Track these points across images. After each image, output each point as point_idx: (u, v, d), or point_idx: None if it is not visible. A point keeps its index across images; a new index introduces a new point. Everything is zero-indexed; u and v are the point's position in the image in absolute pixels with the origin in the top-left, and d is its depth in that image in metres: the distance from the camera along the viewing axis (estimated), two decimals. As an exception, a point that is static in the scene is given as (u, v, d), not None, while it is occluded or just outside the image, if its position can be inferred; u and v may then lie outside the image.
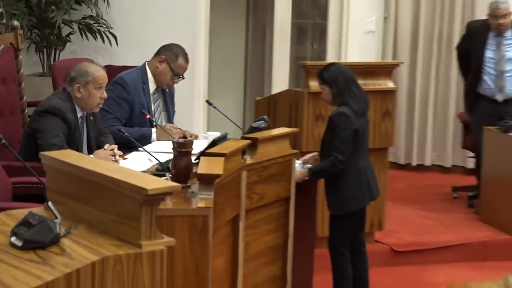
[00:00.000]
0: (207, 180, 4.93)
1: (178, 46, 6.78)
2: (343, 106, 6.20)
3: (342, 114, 6.08)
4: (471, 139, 9.26)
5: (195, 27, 9.55)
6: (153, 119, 6.60)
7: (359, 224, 6.57)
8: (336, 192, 6.36)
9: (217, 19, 10.21)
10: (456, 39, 9.94)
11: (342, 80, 6.26)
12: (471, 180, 9.59)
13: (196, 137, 6.09)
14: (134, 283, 3.45)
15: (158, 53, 6.78)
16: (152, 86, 6.72)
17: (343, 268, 6.48)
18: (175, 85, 7.00)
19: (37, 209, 3.69)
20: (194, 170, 5.11)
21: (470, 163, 9.98)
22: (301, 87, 7.41)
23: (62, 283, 3.28)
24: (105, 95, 5.94)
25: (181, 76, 6.79)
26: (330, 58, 9.95)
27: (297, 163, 6.18)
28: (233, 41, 11.16)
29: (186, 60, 6.81)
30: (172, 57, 6.69)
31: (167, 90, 6.89)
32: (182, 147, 5.13)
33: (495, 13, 8.72)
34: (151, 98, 6.70)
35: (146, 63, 6.76)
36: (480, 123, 8.82)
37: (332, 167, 6.19)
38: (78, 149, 5.55)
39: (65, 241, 3.48)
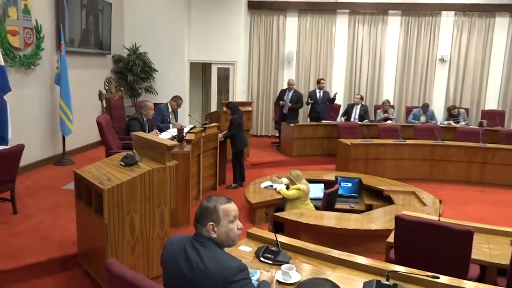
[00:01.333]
0: (188, 141, 5.37)
1: (179, 96, 6.88)
2: (235, 115, 6.35)
3: (235, 118, 6.36)
4: (278, 126, 9.18)
5: (184, 89, 9.34)
6: (170, 121, 6.56)
7: (242, 155, 6.61)
8: (235, 143, 6.42)
9: (191, 86, 9.73)
10: (275, 94, 9.64)
11: (234, 107, 6.44)
12: (277, 140, 9.30)
13: (185, 127, 6.09)
14: (164, 177, 3.50)
15: (173, 98, 6.98)
16: (170, 109, 6.67)
17: (236, 171, 6.52)
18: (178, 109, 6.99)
19: (130, 152, 3.79)
20: (185, 138, 5.36)
21: (277, 134, 9.49)
22: (221, 109, 7.40)
23: (138, 178, 3.35)
24: (153, 112, 5.90)
25: (180, 106, 6.82)
26: (231, 99, 9.47)
27: (219, 135, 6.39)
28: (197, 94, 10.74)
29: (182, 100, 6.95)
30: (178, 99, 6.82)
31: (176, 110, 6.80)
32: (180, 130, 5.44)
33: (288, 82, 8.79)
34: (170, 113, 6.67)
35: (168, 102, 6.76)
36: (280, 120, 8.80)
37: (232, 135, 6.38)
38: (145, 132, 5.50)
39: (139, 163, 3.61)
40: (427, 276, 2.37)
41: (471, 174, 7.14)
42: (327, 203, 4.72)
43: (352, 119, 8.64)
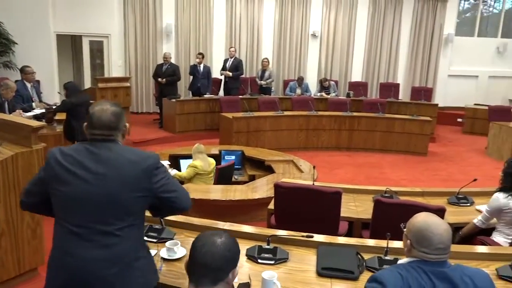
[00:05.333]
0: (60, 121, 4.87)
1: (24, 65, 6.01)
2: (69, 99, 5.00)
3: (66, 101, 4.99)
4: (159, 102, 8.66)
5: (51, 64, 8.32)
6: (34, 99, 5.84)
7: None
8: (75, 132, 4.82)
9: (60, 61, 8.66)
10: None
11: (72, 89, 5.04)
12: (159, 116, 8.76)
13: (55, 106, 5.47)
14: (31, 162, 3.19)
15: (22, 72, 5.93)
16: (29, 85, 5.84)
17: None
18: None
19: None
20: (55, 118, 4.99)
21: (158, 110, 8.88)
22: (95, 86, 6.85)
23: (-1, 165, 3.19)
24: (13, 94, 5.18)
25: (34, 73, 6.06)
26: (107, 74, 8.99)
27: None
28: (67, 70, 9.31)
29: (30, 67, 5.99)
30: (26, 68, 5.87)
31: (36, 85, 6.03)
32: (49, 110, 4.90)
33: (164, 56, 8.10)
34: (30, 89, 5.87)
35: (22, 77, 5.90)
36: (160, 96, 8.34)
37: (58, 110, 5.02)
38: (4, 113, 4.87)
39: (0, 148, 3.14)
40: (303, 236, 2.58)
41: (340, 141, 7.85)
42: (220, 178, 4.74)
43: (226, 70, 8.66)
